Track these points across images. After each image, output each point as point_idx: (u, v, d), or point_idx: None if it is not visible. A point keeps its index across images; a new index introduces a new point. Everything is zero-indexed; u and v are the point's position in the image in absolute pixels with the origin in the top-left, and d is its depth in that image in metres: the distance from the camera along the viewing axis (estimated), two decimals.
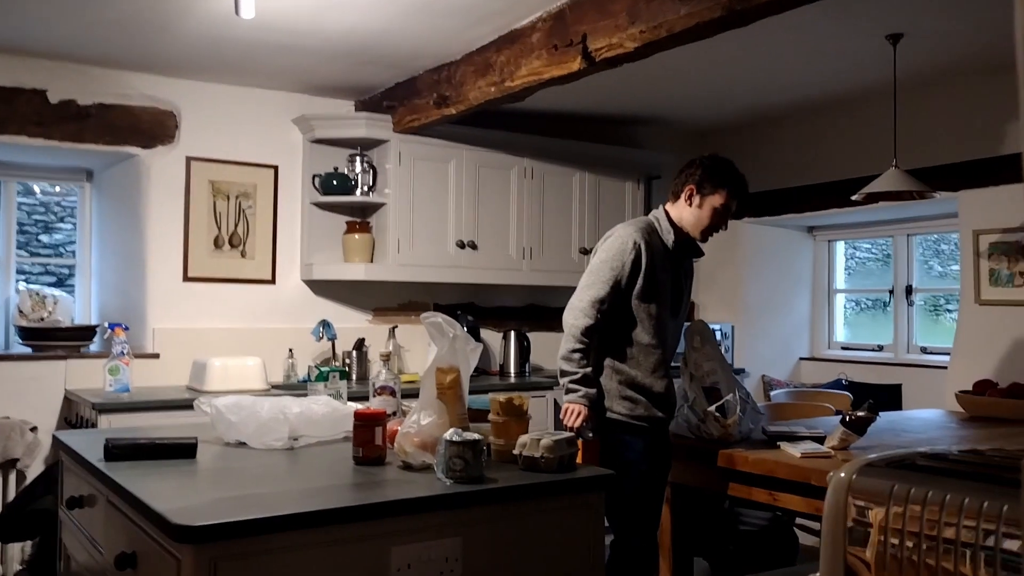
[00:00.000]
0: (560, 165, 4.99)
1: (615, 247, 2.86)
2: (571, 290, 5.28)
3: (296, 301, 4.65)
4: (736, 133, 5.52)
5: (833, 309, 5.74)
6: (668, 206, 2.98)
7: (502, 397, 2.28)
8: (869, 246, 5.73)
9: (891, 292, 5.33)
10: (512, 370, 4.94)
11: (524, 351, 4.97)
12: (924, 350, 5.14)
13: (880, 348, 5.38)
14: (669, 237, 2.93)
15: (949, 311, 5.23)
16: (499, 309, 5.22)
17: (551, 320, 5.34)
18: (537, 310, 5.34)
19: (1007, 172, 4.23)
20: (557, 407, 4.74)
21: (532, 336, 5.09)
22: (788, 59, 4.11)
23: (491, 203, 4.77)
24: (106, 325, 4.15)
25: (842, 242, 5.73)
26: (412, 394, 3.24)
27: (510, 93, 3.65)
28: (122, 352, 3.87)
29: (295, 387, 4.06)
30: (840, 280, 5.76)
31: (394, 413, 2.57)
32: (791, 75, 4.37)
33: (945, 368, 4.61)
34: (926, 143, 4.44)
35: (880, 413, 3.07)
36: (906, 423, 3.82)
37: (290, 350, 4.48)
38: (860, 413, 3.00)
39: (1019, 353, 4.17)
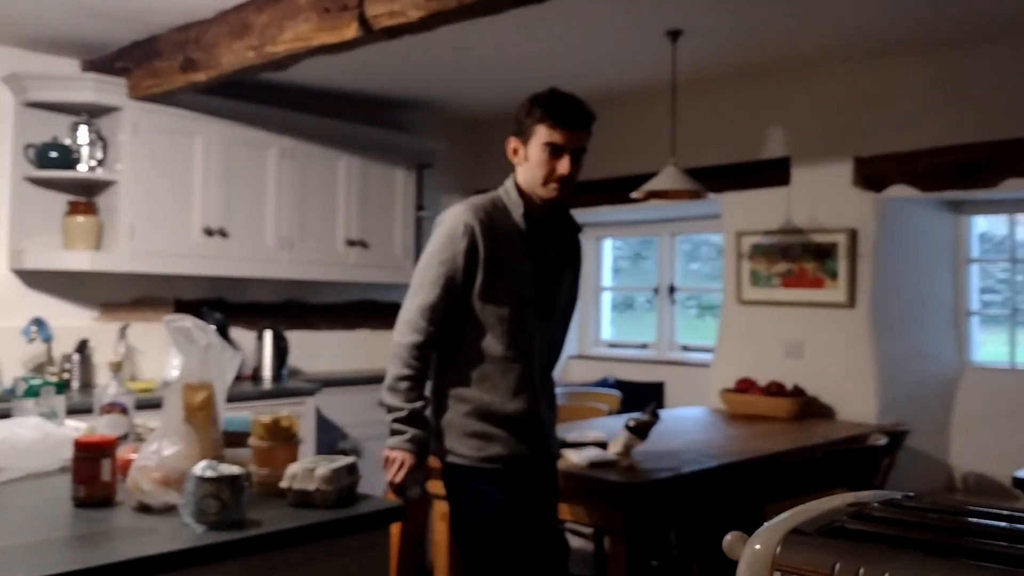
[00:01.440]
0: (325, 147, 4.59)
1: (442, 235, 2.27)
2: (336, 285, 4.97)
3: (2, 295, 3.94)
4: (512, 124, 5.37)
5: (600, 307, 5.77)
6: (516, 174, 2.39)
7: (266, 417, 1.90)
8: (621, 244, 5.82)
9: (655, 290, 5.42)
10: (267, 374, 4.46)
11: (281, 352, 4.51)
12: (686, 348, 5.27)
13: (644, 346, 5.46)
14: (518, 211, 2.31)
15: (688, 307, 5.42)
16: (252, 305, 4.72)
17: (312, 317, 4.93)
18: (297, 306, 4.89)
19: (768, 175, 4.39)
20: (321, 418, 4.33)
21: (291, 335, 4.65)
22: (570, 49, 4.00)
23: (245, 185, 4.29)
24: None
25: (610, 239, 5.77)
26: (149, 405, 2.75)
27: (272, 60, 3.24)
28: None
29: None
30: (607, 278, 5.80)
31: (126, 436, 2.10)
32: (572, 65, 4.27)
33: (705, 366, 4.73)
34: (699, 143, 4.50)
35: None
36: (676, 423, 3.87)
37: None
38: (643, 417, 2.98)
39: (778, 352, 4.34)
